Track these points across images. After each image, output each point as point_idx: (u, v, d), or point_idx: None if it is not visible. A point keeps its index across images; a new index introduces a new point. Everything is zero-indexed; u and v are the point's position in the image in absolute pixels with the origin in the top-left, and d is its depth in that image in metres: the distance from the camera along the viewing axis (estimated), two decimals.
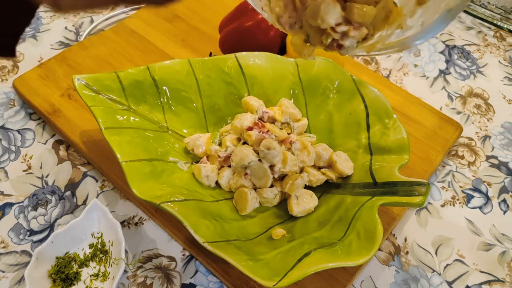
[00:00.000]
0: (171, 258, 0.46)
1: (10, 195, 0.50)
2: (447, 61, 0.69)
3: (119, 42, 0.63)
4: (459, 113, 0.62)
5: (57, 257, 0.44)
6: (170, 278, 0.45)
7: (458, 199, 0.53)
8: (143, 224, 0.48)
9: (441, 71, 0.67)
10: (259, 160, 0.45)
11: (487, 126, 0.60)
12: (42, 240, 0.47)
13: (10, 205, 0.49)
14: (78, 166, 0.53)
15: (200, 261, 0.46)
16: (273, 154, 0.44)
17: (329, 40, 0.30)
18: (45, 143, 0.55)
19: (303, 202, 0.44)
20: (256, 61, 0.52)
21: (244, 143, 0.48)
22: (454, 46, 0.71)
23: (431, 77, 0.66)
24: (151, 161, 0.45)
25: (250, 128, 0.47)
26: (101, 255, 0.45)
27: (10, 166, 0.52)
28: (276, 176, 0.46)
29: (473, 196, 0.53)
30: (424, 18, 0.28)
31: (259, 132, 0.46)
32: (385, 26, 0.29)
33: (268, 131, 0.47)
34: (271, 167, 0.45)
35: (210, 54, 0.62)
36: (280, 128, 0.49)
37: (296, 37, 0.31)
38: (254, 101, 0.50)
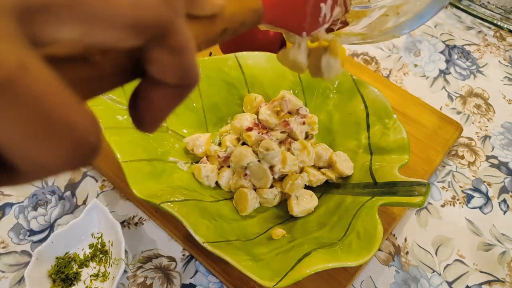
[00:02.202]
0: (171, 258, 0.46)
1: (10, 195, 0.50)
2: (447, 61, 0.69)
3: None
4: (459, 113, 0.62)
5: (57, 257, 0.44)
6: (170, 278, 0.45)
7: (458, 199, 0.53)
8: (143, 224, 0.48)
9: (441, 71, 0.67)
10: (258, 161, 0.45)
11: (487, 126, 0.60)
12: (42, 240, 0.47)
13: (10, 205, 0.49)
14: None
15: (200, 261, 0.45)
16: (272, 155, 0.44)
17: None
18: None
19: (303, 202, 0.44)
20: (256, 61, 0.52)
21: (244, 143, 0.48)
22: (454, 46, 0.71)
23: (431, 77, 0.66)
24: (151, 161, 0.45)
25: (249, 129, 0.47)
26: (101, 255, 0.45)
27: None
28: (276, 176, 0.46)
29: (473, 196, 0.53)
30: (420, 2, 0.29)
31: (259, 132, 0.46)
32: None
33: (267, 131, 0.47)
34: (271, 167, 0.45)
35: (210, 54, 0.62)
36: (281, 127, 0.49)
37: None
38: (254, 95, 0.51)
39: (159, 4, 0.13)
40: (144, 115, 0.16)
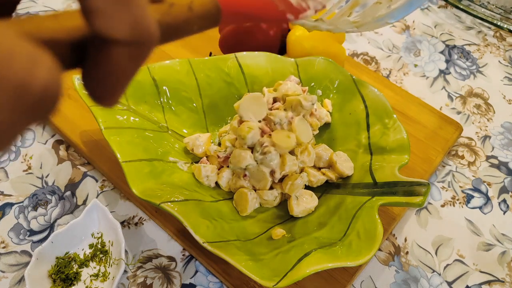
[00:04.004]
0: (171, 258, 0.46)
1: (10, 195, 0.50)
2: (447, 61, 0.69)
3: None
4: (459, 113, 0.62)
5: (57, 257, 0.44)
6: (170, 278, 0.45)
7: (458, 199, 0.53)
8: (143, 224, 0.48)
9: (441, 71, 0.67)
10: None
11: (487, 126, 0.60)
12: (42, 240, 0.47)
13: (10, 205, 0.49)
14: (78, 166, 0.53)
15: (200, 261, 0.46)
16: (270, 158, 0.44)
17: None
18: (45, 143, 0.55)
19: (303, 202, 0.44)
20: (256, 61, 0.52)
21: None
22: (454, 46, 0.71)
23: (431, 77, 0.66)
24: (151, 161, 0.45)
25: None
26: (101, 255, 0.45)
27: (10, 166, 0.52)
28: (276, 181, 0.45)
29: (473, 196, 0.53)
30: None
31: None
32: None
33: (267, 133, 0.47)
34: (272, 173, 0.45)
35: (210, 54, 0.62)
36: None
37: None
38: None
39: None
40: (101, 84, 0.14)
